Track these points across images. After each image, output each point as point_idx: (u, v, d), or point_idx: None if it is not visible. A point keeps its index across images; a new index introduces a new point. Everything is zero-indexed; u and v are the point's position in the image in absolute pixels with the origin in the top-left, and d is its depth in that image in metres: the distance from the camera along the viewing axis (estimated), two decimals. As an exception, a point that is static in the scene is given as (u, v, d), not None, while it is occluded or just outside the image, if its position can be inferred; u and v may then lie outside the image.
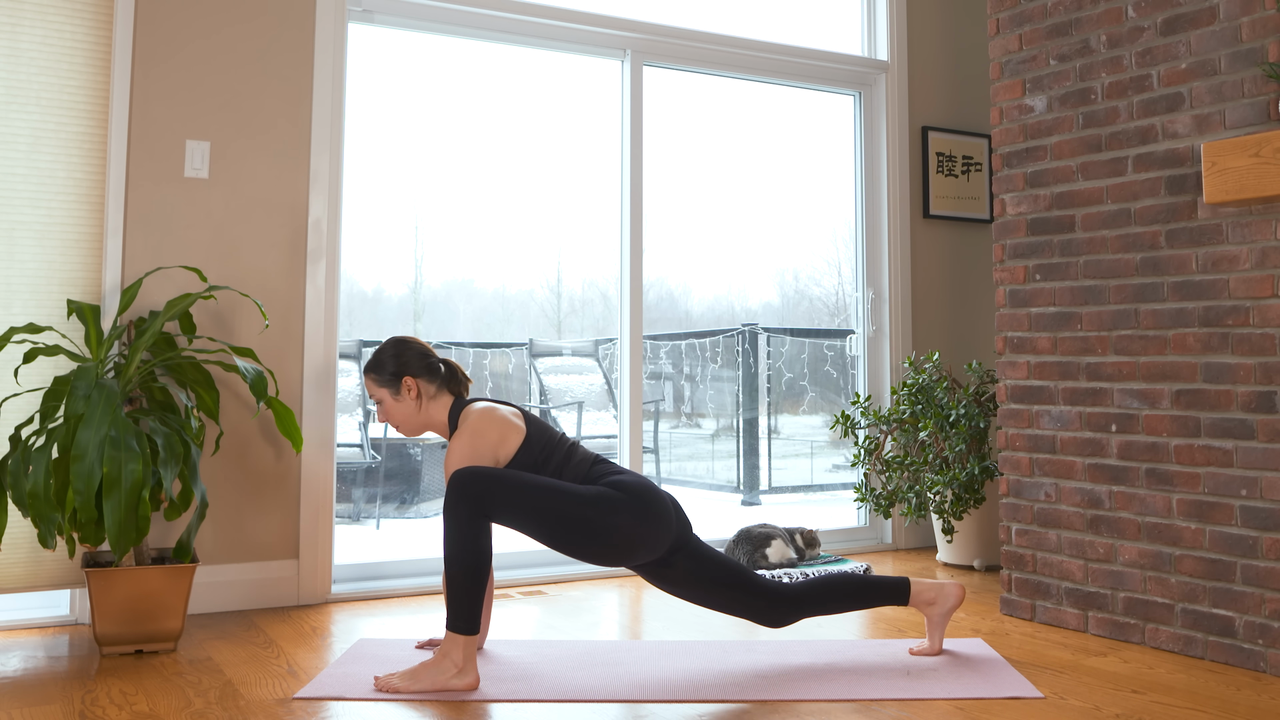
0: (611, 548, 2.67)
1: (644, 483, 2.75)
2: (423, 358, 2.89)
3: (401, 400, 2.87)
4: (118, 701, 2.52)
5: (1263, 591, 2.78)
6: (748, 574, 2.81)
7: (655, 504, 2.71)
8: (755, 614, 2.81)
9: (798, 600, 2.81)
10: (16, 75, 3.25)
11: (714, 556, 2.82)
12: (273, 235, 3.60)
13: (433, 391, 2.88)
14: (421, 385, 2.87)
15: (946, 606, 2.91)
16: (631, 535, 2.67)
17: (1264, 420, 2.80)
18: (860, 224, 4.80)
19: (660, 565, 2.80)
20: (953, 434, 4.13)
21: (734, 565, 2.82)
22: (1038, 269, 3.39)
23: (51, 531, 2.75)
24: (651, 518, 2.69)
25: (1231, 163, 2.79)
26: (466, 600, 2.57)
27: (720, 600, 2.81)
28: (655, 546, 2.72)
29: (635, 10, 4.38)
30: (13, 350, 3.22)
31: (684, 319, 5.63)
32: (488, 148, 4.48)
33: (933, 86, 4.90)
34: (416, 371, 2.87)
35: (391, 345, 2.90)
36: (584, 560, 2.71)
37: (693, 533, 2.85)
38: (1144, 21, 3.14)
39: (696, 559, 2.80)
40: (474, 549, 2.57)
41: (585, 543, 2.66)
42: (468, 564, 2.56)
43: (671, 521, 2.74)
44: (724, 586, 2.79)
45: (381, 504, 5.46)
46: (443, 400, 2.89)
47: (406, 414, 2.88)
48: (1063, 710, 2.47)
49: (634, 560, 2.73)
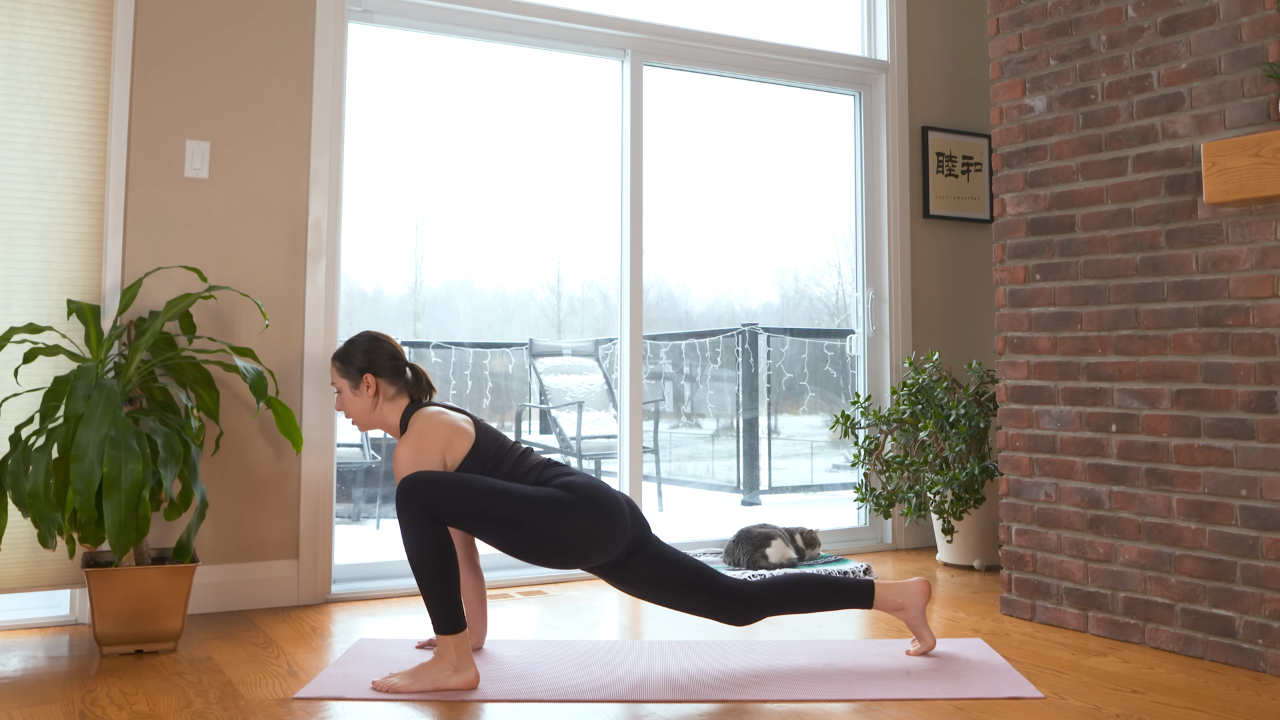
0: (564, 551, 2.63)
1: (596, 484, 2.72)
2: (391, 359, 2.89)
3: (359, 395, 2.87)
4: (118, 701, 2.52)
5: (1263, 591, 2.78)
6: (708, 573, 2.78)
7: (608, 505, 2.67)
8: (717, 613, 2.78)
9: (758, 599, 2.78)
10: (16, 75, 3.25)
11: (673, 557, 2.79)
12: (273, 235, 3.60)
13: (391, 393, 2.88)
14: (382, 385, 2.86)
15: (917, 605, 2.91)
16: (584, 537, 2.63)
17: (1264, 420, 2.80)
18: (860, 224, 4.80)
19: (618, 567, 2.77)
20: (953, 434, 4.13)
21: (693, 565, 2.79)
22: (1038, 269, 3.39)
23: (51, 531, 2.75)
24: (604, 519, 2.65)
25: (1231, 163, 2.79)
26: (443, 599, 2.56)
27: (681, 601, 2.78)
28: (609, 549, 2.69)
29: (635, 10, 4.38)
30: (13, 350, 3.22)
31: (684, 319, 5.63)
32: (488, 148, 4.48)
33: (933, 86, 4.90)
34: (380, 371, 2.86)
35: (365, 340, 2.90)
36: (537, 564, 2.68)
37: (650, 533, 2.82)
38: (1144, 21, 3.14)
39: (654, 560, 2.77)
40: (434, 547, 2.55)
41: (537, 546, 2.62)
42: (432, 563, 2.55)
43: (626, 523, 2.71)
44: (684, 587, 2.76)
45: (381, 504, 5.46)
46: (399, 403, 2.88)
47: (361, 409, 2.88)
48: (1063, 710, 2.47)
49: (588, 563, 2.70)
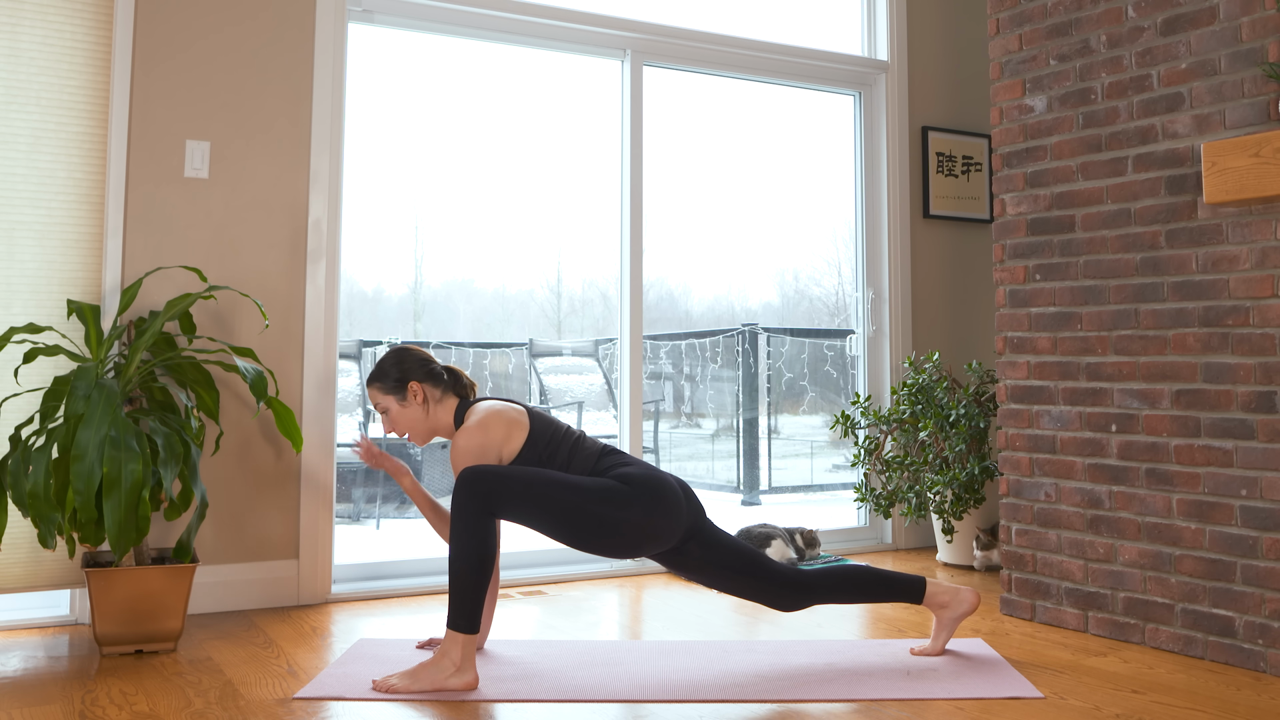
0: (622, 541, 2.68)
1: (653, 474, 2.75)
2: (424, 364, 2.90)
3: (408, 406, 2.87)
4: (118, 701, 2.52)
5: (1263, 591, 2.78)
6: (761, 559, 2.83)
7: (665, 496, 2.71)
8: (769, 599, 2.83)
9: (811, 586, 2.83)
10: (16, 75, 3.25)
11: (727, 542, 2.84)
12: (273, 235, 3.60)
13: (438, 395, 2.90)
14: (427, 390, 2.88)
15: (959, 611, 2.92)
16: (642, 528, 2.68)
17: (1264, 420, 2.80)
18: (860, 224, 4.80)
19: (674, 553, 2.82)
20: (953, 434, 4.13)
21: (747, 551, 2.84)
22: (1038, 269, 3.39)
23: (51, 531, 2.75)
24: (661, 510, 2.69)
25: (1231, 163, 2.79)
26: (469, 599, 2.57)
27: (734, 585, 2.83)
28: (667, 538, 2.73)
29: (635, 10, 4.38)
30: (13, 350, 3.22)
31: (684, 319, 5.63)
32: (488, 148, 4.48)
33: (933, 86, 4.90)
34: (420, 377, 2.88)
35: (393, 354, 2.92)
36: (596, 554, 2.72)
37: (706, 518, 2.86)
38: (1144, 21, 3.14)
39: (709, 546, 2.82)
40: (480, 547, 2.57)
41: (596, 537, 2.66)
42: (472, 562, 2.56)
43: (683, 512, 2.75)
44: (737, 572, 2.81)
45: (381, 504, 5.46)
46: (448, 403, 2.91)
47: (414, 419, 2.88)
48: (1063, 710, 2.47)
49: (646, 551, 2.74)
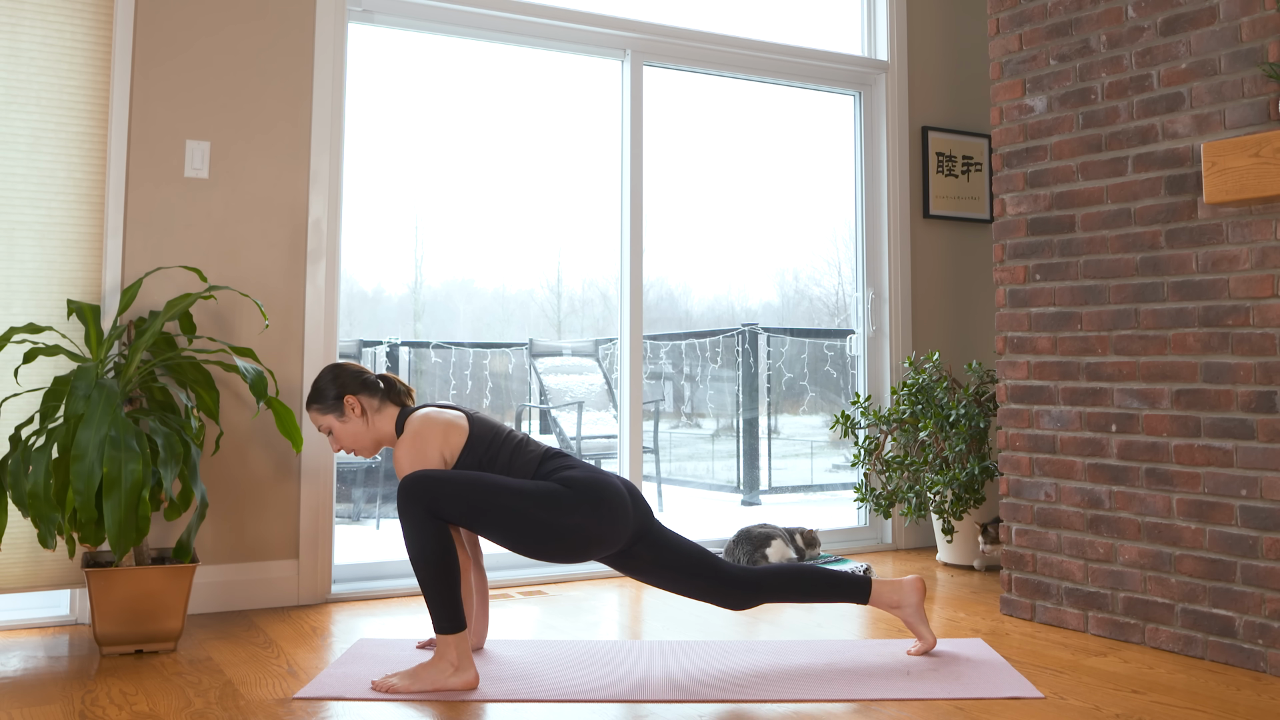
0: (565, 546, 2.65)
1: (597, 477, 2.72)
2: (358, 376, 2.90)
3: (348, 421, 2.86)
4: (118, 701, 2.52)
5: (1263, 591, 2.78)
6: (709, 559, 2.81)
7: (608, 499, 2.68)
8: (717, 598, 2.82)
9: (759, 586, 2.82)
10: (16, 75, 3.25)
11: (674, 543, 2.82)
12: (273, 235, 3.60)
13: (376, 405, 2.88)
14: (364, 401, 2.87)
15: (913, 602, 2.92)
16: (587, 533, 2.65)
17: (1264, 420, 2.80)
18: (860, 224, 4.80)
19: (622, 556, 2.80)
20: (953, 434, 4.13)
21: (695, 551, 2.82)
22: (1038, 269, 3.39)
23: (51, 531, 2.75)
24: (606, 513, 2.67)
25: (1231, 163, 2.79)
26: (444, 599, 2.56)
27: (682, 586, 2.81)
28: (612, 542, 2.71)
29: (635, 10, 4.38)
30: (13, 350, 3.22)
31: (684, 319, 5.63)
32: (488, 148, 4.48)
33: (933, 86, 4.90)
34: (355, 389, 2.87)
35: (328, 372, 2.91)
36: (541, 559, 2.69)
37: (653, 520, 2.84)
38: (1144, 21, 3.14)
39: (656, 547, 2.80)
40: (435, 547, 2.56)
41: (540, 542, 2.64)
42: (433, 563, 2.55)
43: (629, 515, 2.73)
44: (685, 573, 2.79)
45: (381, 504, 5.46)
46: (388, 412, 2.90)
47: (356, 433, 2.87)
48: (1063, 710, 2.47)
49: (591, 556, 2.72)
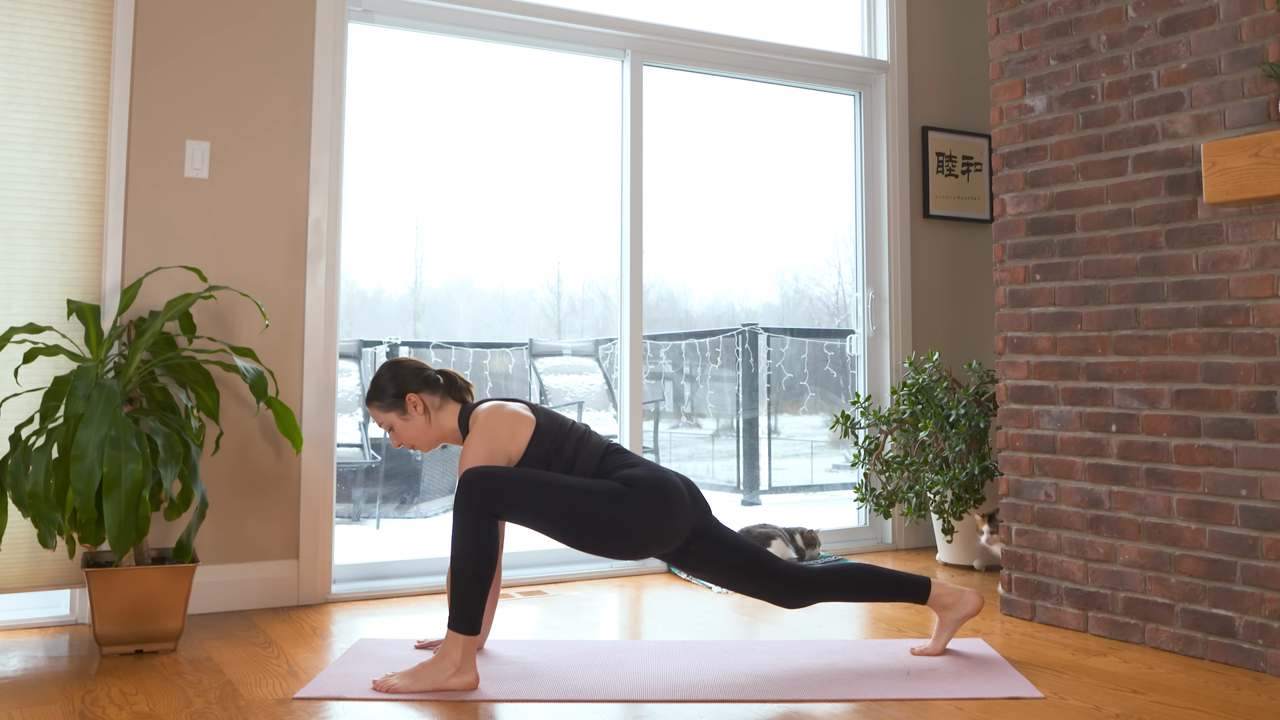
0: (628, 543, 2.68)
1: (658, 474, 2.75)
2: (419, 373, 2.90)
3: (410, 418, 2.87)
4: (118, 701, 2.52)
5: (1263, 591, 2.78)
6: (767, 557, 2.84)
7: (669, 497, 2.71)
8: (774, 596, 2.85)
9: (815, 584, 2.84)
10: (16, 75, 3.25)
11: (731, 540, 2.85)
12: (273, 235, 3.60)
13: (438, 403, 2.89)
14: (425, 399, 2.88)
15: (963, 613, 2.93)
16: (647, 530, 2.68)
17: (1264, 420, 2.80)
18: (860, 224, 4.80)
19: (680, 552, 2.84)
20: (953, 434, 4.13)
21: (753, 549, 2.85)
22: (1038, 269, 3.39)
23: (51, 531, 2.75)
24: (665, 512, 2.70)
25: (1231, 163, 2.79)
26: (470, 600, 2.57)
27: (740, 583, 2.84)
28: (672, 539, 2.74)
29: (635, 10, 4.38)
30: (13, 350, 3.22)
31: (684, 319, 5.63)
32: (488, 148, 4.48)
33: (933, 86, 4.90)
34: (417, 387, 2.88)
35: (387, 369, 2.91)
36: (602, 555, 2.72)
37: (711, 516, 2.87)
38: (1144, 21, 3.14)
39: (714, 545, 2.83)
40: (481, 549, 2.57)
41: (601, 539, 2.67)
42: (474, 564, 2.56)
43: (688, 513, 2.75)
44: (743, 571, 2.82)
45: (381, 504, 5.45)
46: (450, 409, 2.91)
47: (418, 431, 2.89)
48: (1063, 710, 2.47)
49: (652, 553, 2.75)
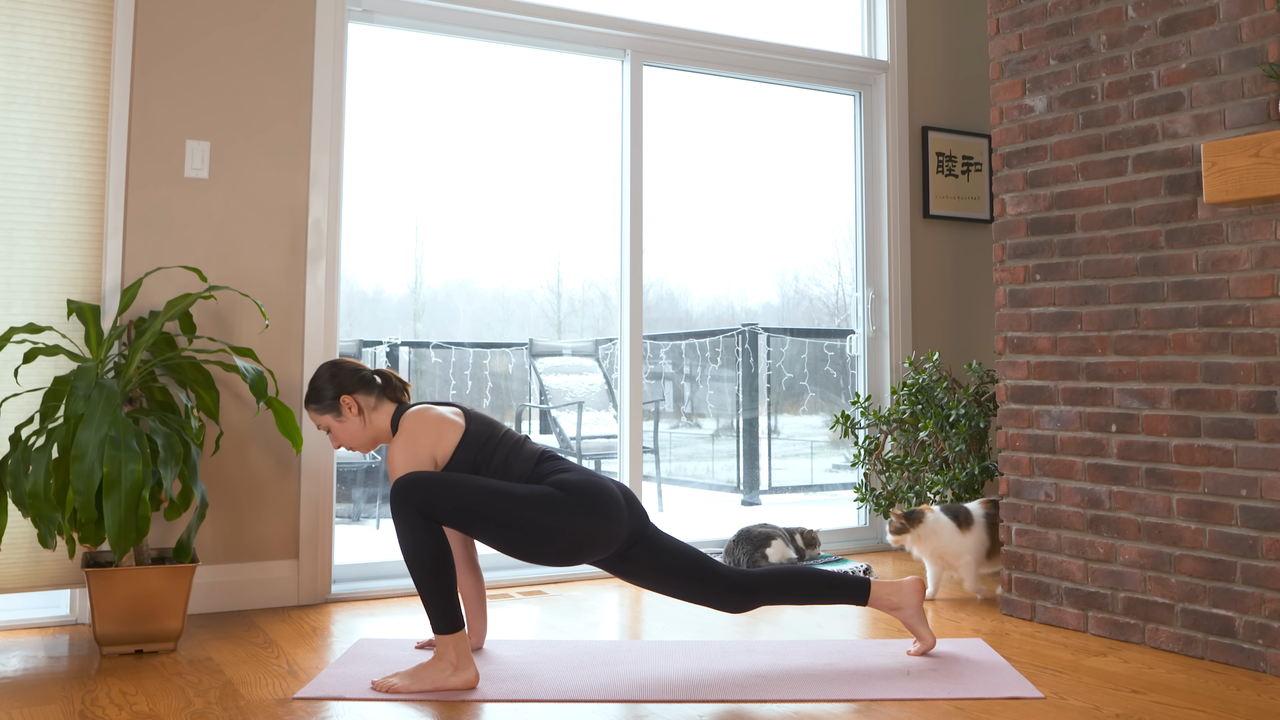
0: (561, 549, 2.64)
1: (592, 480, 2.71)
2: (356, 373, 2.89)
3: (345, 420, 2.86)
4: (118, 701, 2.52)
5: (1263, 591, 2.78)
6: (706, 562, 2.79)
7: (604, 502, 2.67)
8: (715, 601, 2.80)
9: (755, 588, 2.80)
10: (16, 75, 3.25)
11: (671, 546, 2.80)
12: (273, 235, 3.60)
13: (373, 403, 2.87)
14: (360, 400, 2.86)
15: (913, 604, 2.91)
16: (581, 536, 2.63)
17: (1264, 420, 2.80)
18: (860, 224, 4.80)
19: (618, 559, 2.78)
20: (953, 434, 4.13)
21: (691, 554, 2.80)
22: (1038, 269, 3.39)
23: (51, 531, 2.75)
24: (600, 516, 2.65)
25: (1231, 163, 2.79)
26: (439, 599, 2.56)
27: (679, 589, 2.79)
28: (607, 545, 2.70)
29: (635, 10, 4.38)
30: (13, 350, 3.22)
31: (684, 319, 5.63)
32: (488, 148, 4.48)
33: (933, 86, 4.90)
34: (353, 388, 2.86)
35: (325, 370, 2.89)
36: (535, 563, 2.68)
37: (649, 523, 2.83)
38: (1144, 21, 3.14)
39: (653, 551, 2.78)
40: (428, 547, 2.55)
41: (534, 545, 2.62)
42: (427, 563, 2.55)
43: (623, 518, 2.71)
44: (682, 576, 2.78)
45: (381, 504, 5.45)
46: (384, 409, 2.88)
47: (354, 432, 2.87)
48: (1063, 710, 2.47)
49: (586, 558, 2.70)
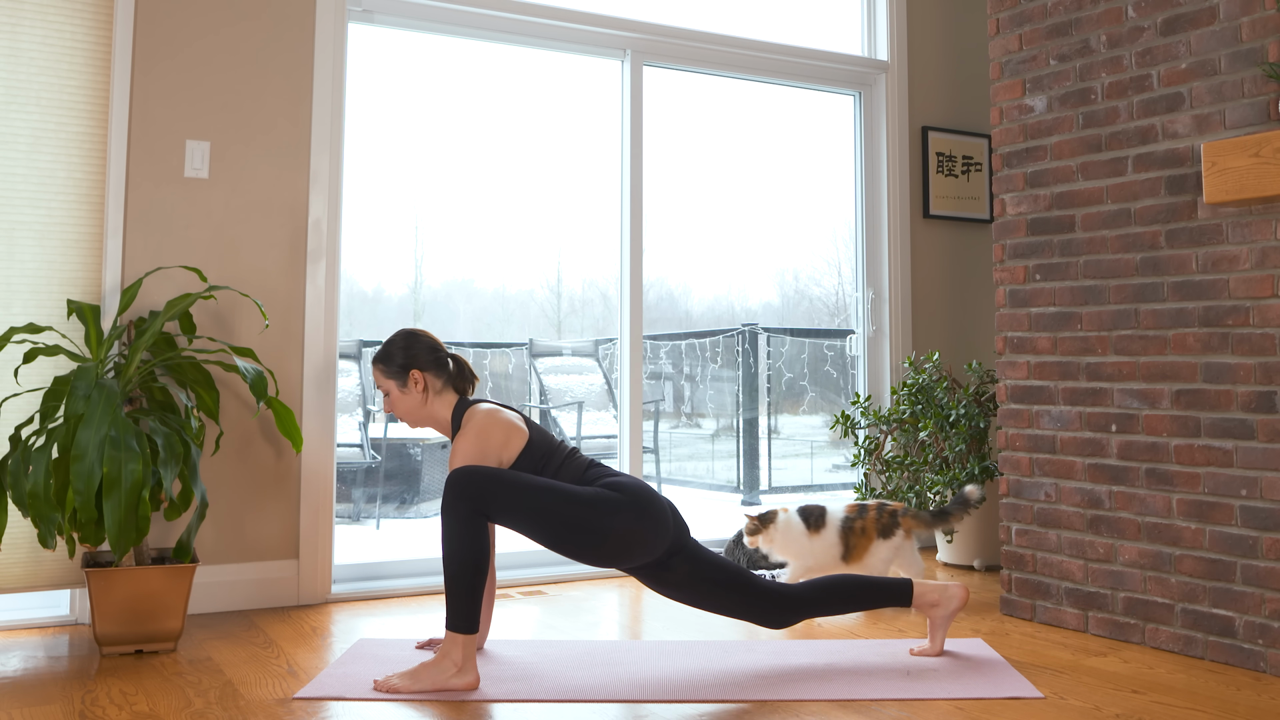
0: (608, 549, 2.67)
1: (641, 485, 2.75)
2: (432, 351, 2.90)
3: (408, 393, 2.87)
4: (118, 701, 2.52)
5: (1263, 591, 2.78)
6: (747, 575, 2.81)
7: (652, 506, 2.71)
8: (756, 615, 2.81)
9: (798, 601, 2.81)
10: (16, 75, 3.25)
11: (712, 559, 2.82)
12: (273, 235, 3.60)
13: (439, 386, 2.89)
14: (429, 379, 2.88)
15: (950, 608, 2.91)
16: (629, 536, 2.67)
17: (1264, 420, 2.80)
18: (860, 224, 4.80)
19: (658, 568, 2.80)
20: (953, 434, 4.13)
21: (733, 567, 2.82)
22: (1038, 269, 3.39)
23: (51, 531, 2.75)
24: (649, 519, 2.69)
25: (1231, 163, 2.79)
26: (466, 599, 2.57)
27: (720, 602, 2.80)
28: (653, 548, 2.72)
29: (635, 10, 4.38)
30: (13, 350, 3.22)
31: (684, 319, 5.63)
32: (488, 148, 4.48)
33: (933, 86, 4.90)
34: (425, 365, 2.88)
35: (401, 337, 2.91)
36: (581, 561, 2.71)
37: (690, 536, 2.85)
38: (1144, 21, 3.14)
39: (695, 561, 2.80)
40: (472, 547, 2.57)
41: (582, 544, 2.65)
42: (466, 562, 2.56)
43: (669, 523, 2.74)
44: (723, 588, 2.78)
45: (381, 504, 5.46)
46: (447, 397, 2.90)
47: (411, 407, 2.88)
48: (1063, 710, 2.47)
49: (631, 561, 2.73)
